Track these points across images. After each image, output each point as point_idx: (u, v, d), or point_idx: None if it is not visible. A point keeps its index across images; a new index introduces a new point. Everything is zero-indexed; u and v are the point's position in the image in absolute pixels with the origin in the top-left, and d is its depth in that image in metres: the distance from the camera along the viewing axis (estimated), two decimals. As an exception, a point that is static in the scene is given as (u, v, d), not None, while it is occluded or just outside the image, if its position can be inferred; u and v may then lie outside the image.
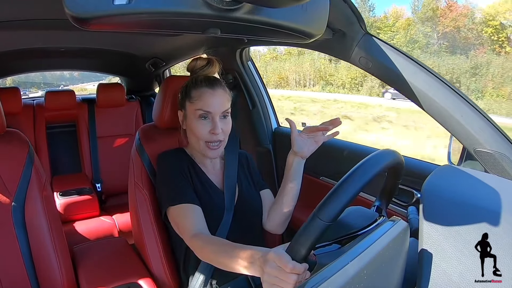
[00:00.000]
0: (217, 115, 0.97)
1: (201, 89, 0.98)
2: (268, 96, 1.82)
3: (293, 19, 0.64)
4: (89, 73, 14.77)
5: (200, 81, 0.99)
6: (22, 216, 1.00)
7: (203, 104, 0.96)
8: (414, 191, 1.12)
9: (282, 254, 0.59)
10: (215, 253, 0.81)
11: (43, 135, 2.24)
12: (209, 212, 0.98)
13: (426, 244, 0.67)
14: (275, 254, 0.60)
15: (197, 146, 1.01)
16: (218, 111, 0.97)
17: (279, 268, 0.59)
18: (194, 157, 1.07)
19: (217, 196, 1.03)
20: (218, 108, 0.97)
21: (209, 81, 0.99)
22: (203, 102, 0.96)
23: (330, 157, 1.49)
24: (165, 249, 1.08)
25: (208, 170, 1.07)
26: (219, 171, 1.09)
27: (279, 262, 0.59)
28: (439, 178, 0.77)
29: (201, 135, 0.98)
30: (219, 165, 1.10)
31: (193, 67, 1.05)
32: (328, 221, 0.55)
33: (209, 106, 0.96)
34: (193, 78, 1.02)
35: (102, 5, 0.49)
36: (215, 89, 0.98)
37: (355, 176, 0.59)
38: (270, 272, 0.61)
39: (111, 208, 2.10)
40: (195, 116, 0.98)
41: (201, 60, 1.04)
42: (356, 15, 0.95)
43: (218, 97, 0.97)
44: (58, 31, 1.56)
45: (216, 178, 1.07)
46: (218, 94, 0.98)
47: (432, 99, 0.92)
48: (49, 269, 1.01)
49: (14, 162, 1.01)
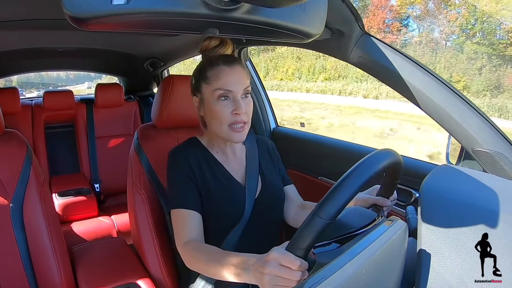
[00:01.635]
0: (238, 93, 0.89)
1: (218, 67, 0.90)
2: (267, 96, 1.82)
3: (291, 19, 0.64)
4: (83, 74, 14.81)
5: (216, 60, 0.91)
6: (21, 216, 1.00)
7: (222, 83, 0.88)
8: (413, 190, 1.12)
9: (286, 253, 0.58)
10: (204, 262, 0.78)
11: (41, 135, 2.23)
12: (227, 207, 0.93)
13: (425, 244, 0.67)
14: (278, 253, 0.59)
15: (220, 131, 0.92)
16: (239, 89, 0.89)
17: (282, 267, 0.58)
18: (210, 148, 1.00)
19: (237, 189, 0.97)
20: (238, 86, 0.89)
21: (226, 58, 0.92)
22: (222, 81, 0.88)
23: (329, 157, 1.49)
24: (162, 249, 1.08)
25: (227, 160, 1.00)
26: (241, 160, 1.02)
27: (284, 260, 0.58)
28: (438, 177, 0.78)
29: (223, 117, 0.89)
30: (239, 152, 1.02)
31: (206, 48, 0.96)
32: (328, 219, 0.55)
33: (229, 85, 0.88)
34: (207, 58, 0.95)
35: (100, 5, 0.49)
36: (233, 66, 0.90)
37: (355, 175, 0.59)
38: (272, 272, 0.59)
39: (110, 209, 2.10)
40: (214, 97, 0.89)
41: (215, 40, 0.96)
42: (354, 15, 0.95)
43: (237, 74, 0.89)
44: (56, 31, 1.56)
45: (237, 167, 1.00)
46: (236, 71, 0.90)
47: (430, 98, 0.92)
48: (48, 269, 1.01)
49: (13, 163, 1.01)
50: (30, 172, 1.02)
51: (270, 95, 1.87)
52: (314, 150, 1.58)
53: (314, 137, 1.66)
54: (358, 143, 1.50)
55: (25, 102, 2.29)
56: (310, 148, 1.60)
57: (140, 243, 1.08)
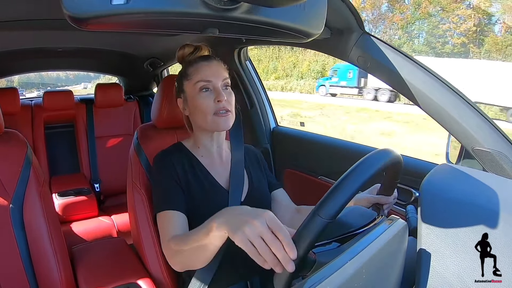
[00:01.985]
0: (218, 83, 0.96)
1: (197, 64, 0.98)
2: (267, 96, 1.82)
3: (291, 19, 0.64)
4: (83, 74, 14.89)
5: (194, 59, 1.00)
6: (21, 216, 0.99)
7: (202, 76, 0.96)
8: (413, 190, 1.12)
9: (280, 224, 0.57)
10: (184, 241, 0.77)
11: (41, 135, 2.23)
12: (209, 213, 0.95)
13: (425, 243, 0.67)
14: (272, 216, 0.58)
15: (205, 123, 0.97)
16: (218, 79, 0.96)
17: (269, 231, 0.56)
18: (196, 151, 1.03)
19: (219, 193, 0.99)
20: (217, 77, 0.96)
21: (204, 56, 1.01)
22: (201, 74, 0.96)
23: (329, 156, 1.50)
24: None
25: (212, 164, 1.02)
26: (227, 164, 1.04)
27: (274, 224, 0.57)
28: (438, 177, 0.78)
29: (207, 107, 0.95)
30: (226, 156, 1.05)
31: (182, 56, 1.04)
32: (328, 218, 0.55)
33: (208, 76, 0.96)
34: (186, 62, 1.02)
35: (100, 5, 0.49)
36: (210, 61, 0.98)
37: (355, 174, 0.59)
38: (257, 228, 0.57)
39: (110, 209, 2.10)
40: (196, 90, 0.96)
41: (188, 48, 1.03)
42: (354, 14, 0.95)
43: (214, 67, 0.97)
44: (56, 31, 1.55)
45: (222, 172, 1.03)
46: (214, 65, 0.98)
47: (430, 98, 0.92)
48: (48, 269, 1.01)
49: (12, 163, 1.01)
50: (30, 172, 1.02)
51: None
52: (313, 149, 1.59)
53: (314, 136, 1.66)
54: (358, 143, 1.50)
55: (25, 102, 2.28)
56: (310, 148, 1.61)
57: (140, 243, 1.08)
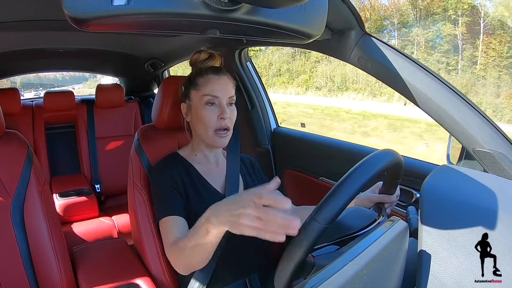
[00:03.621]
0: (224, 100, 0.97)
1: (207, 76, 0.99)
2: (267, 97, 1.82)
3: (292, 20, 0.64)
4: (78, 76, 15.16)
5: (205, 69, 1.01)
6: (21, 217, 1.00)
7: (210, 89, 0.97)
8: (414, 191, 1.12)
9: (259, 191, 0.56)
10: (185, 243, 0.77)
11: (42, 136, 2.23)
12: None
13: (425, 244, 0.67)
14: (249, 191, 0.58)
15: (205, 136, 0.99)
16: (225, 96, 0.97)
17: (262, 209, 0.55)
18: (192, 159, 1.05)
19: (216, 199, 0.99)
20: (224, 93, 0.97)
21: (215, 68, 1.01)
22: (210, 88, 0.97)
23: (329, 157, 1.49)
24: (164, 250, 1.07)
25: (209, 170, 1.05)
26: (223, 170, 1.07)
27: (257, 198, 0.55)
28: (439, 178, 0.77)
29: (209, 122, 0.97)
30: (222, 162, 1.08)
31: (196, 60, 1.05)
32: (326, 224, 0.55)
33: (216, 91, 0.97)
34: (197, 68, 1.03)
35: (101, 5, 0.49)
36: (221, 76, 0.99)
37: (354, 177, 0.59)
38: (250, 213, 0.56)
39: (110, 209, 2.10)
40: (202, 103, 0.97)
41: (204, 53, 1.05)
42: (355, 15, 0.95)
43: (224, 83, 0.99)
44: (57, 32, 1.55)
45: (219, 178, 1.05)
46: (224, 80, 0.99)
47: (430, 99, 0.92)
48: (49, 270, 1.01)
49: (13, 163, 1.01)
50: (31, 172, 1.02)
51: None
52: (314, 150, 1.59)
53: (315, 137, 1.66)
54: (358, 144, 1.50)
55: (25, 103, 2.28)
56: (311, 149, 1.60)
57: (141, 243, 1.08)
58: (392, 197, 0.88)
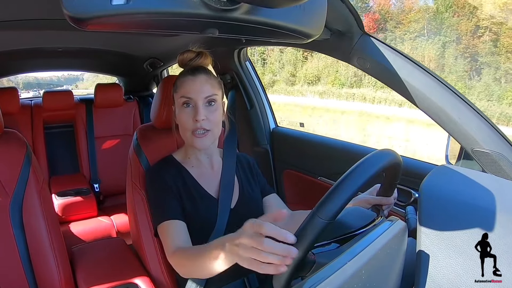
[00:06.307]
0: (199, 101, 0.94)
1: (184, 77, 0.97)
2: (266, 96, 1.82)
3: (291, 20, 0.64)
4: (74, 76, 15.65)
5: (186, 71, 0.99)
6: (20, 216, 0.99)
7: (185, 91, 0.95)
8: (412, 191, 1.12)
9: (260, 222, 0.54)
10: (191, 263, 0.76)
11: (41, 135, 2.23)
12: (200, 222, 0.96)
13: (424, 244, 0.67)
14: (252, 221, 0.55)
15: (185, 138, 0.99)
16: (199, 97, 0.94)
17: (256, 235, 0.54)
18: (186, 162, 1.04)
19: (209, 202, 1.00)
20: (199, 94, 0.94)
21: (192, 69, 0.98)
22: (184, 89, 0.95)
23: (328, 157, 1.50)
24: (162, 249, 1.07)
25: (203, 174, 1.04)
26: (218, 173, 1.06)
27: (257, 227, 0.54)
28: (437, 178, 0.78)
29: (186, 124, 0.95)
30: (217, 165, 1.07)
31: (182, 60, 1.02)
32: (328, 219, 0.55)
33: (190, 92, 0.94)
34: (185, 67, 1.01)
35: (100, 5, 0.49)
36: (196, 76, 0.96)
37: (354, 175, 0.59)
38: (245, 243, 0.54)
39: (109, 209, 2.10)
40: (179, 105, 0.97)
41: (190, 53, 1.01)
42: (354, 15, 0.95)
43: (199, 83, 0.95)
44: (56, 32, 1.55)
45: (213, 181, 1.04)
46: (199, 80, 0.95)
47: (429, 99, 0.92)
48: (47, 270, 1.00)
49: (12, 163, 1.00)
50: (30, 172, 1.02)
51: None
52: (313, 150, 1.59)
53: (314, 137, 1.66)
54: (357, 144, 1.50)
55: (24, 102, 2.28)
56: (310, 148, 1.61)
57: (140, 243, 1.08)
58: (390, 199, 0.87)
